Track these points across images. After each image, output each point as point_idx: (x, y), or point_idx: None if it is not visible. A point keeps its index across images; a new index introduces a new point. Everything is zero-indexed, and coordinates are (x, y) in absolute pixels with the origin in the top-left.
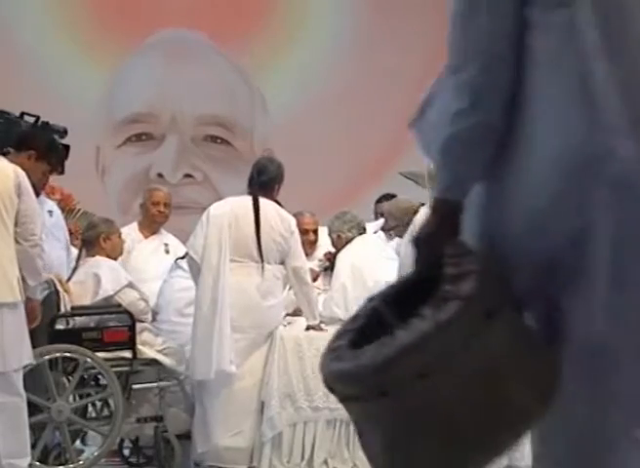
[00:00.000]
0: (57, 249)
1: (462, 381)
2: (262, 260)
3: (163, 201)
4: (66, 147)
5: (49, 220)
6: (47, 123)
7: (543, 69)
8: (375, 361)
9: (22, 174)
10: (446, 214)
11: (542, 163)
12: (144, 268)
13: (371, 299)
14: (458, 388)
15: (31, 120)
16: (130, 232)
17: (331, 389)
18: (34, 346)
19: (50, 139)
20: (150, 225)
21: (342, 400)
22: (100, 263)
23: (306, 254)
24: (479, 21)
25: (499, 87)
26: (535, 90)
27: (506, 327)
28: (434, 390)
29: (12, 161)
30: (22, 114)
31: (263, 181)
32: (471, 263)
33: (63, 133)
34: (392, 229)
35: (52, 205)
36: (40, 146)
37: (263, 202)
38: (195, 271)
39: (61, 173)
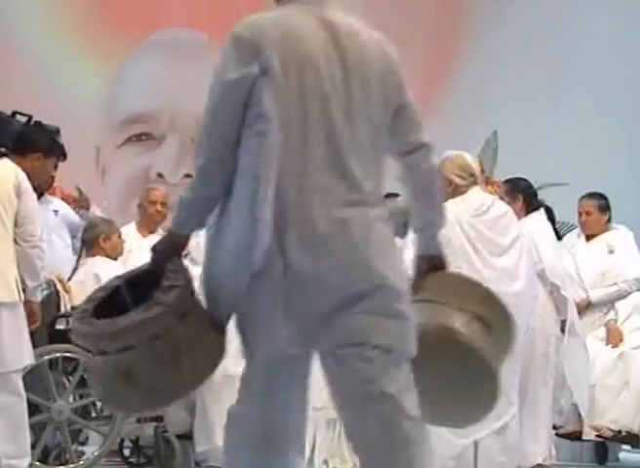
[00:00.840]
0: (61, 247)
1: (153, 354)
2: None
3: (160, 200)
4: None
5: (54, 220)
6: (40, 122)
7: (239, 178)
8: (102, 331)
9: (22, 175)
10: (175, 241)
11: (231, 237)
12: None
13: (118, 277)
14: (150, 357)
15: (23, 119)
16: (129, 232)
17: (75, 342)
18: (34, 346)
19: (49, 136)
20: (148, 225)
21: (83, 350)
22: (100, 263)
23: None
24: (210, 128)
25: (218, 174)
26: (235, 187)
27: (193, 324)
28: (134, 357)
29: (20, 165)
30: (14, 113)
31: None
32: (179, 280)
33: (56, 132)
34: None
35: (58, 204)
36: (44, 146)
37: None
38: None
39: (64, 159)
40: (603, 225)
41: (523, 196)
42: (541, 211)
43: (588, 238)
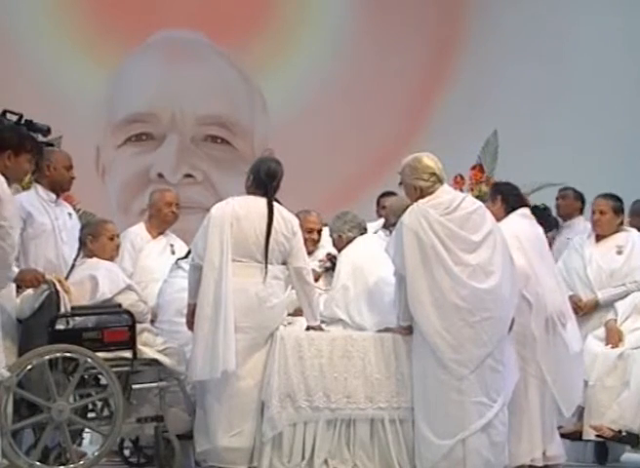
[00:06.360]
0: (75, 249)
1: None
2: (267, 262)
3: (175, 201)
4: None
5: (69, 222)
6: (31, 121)
7: None
8: None
9: (1, 180)
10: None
11: None
12: (155, 268)
13: None
14: None
15: (14, 118)
16: (139, 232)
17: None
18: (34, 346)
19: (13, 130)
20: (160, 225)
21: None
22: (98, 265)
23: (308, 253)
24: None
25: None
26: None
27: None
28: None
29: None
30: (5, 112)
31: (277, 186)
32: None
33: (47, 131)
34: (393, 226)
35: (70, 208)
36: (11, 141)
37: (267, 203)
38: (191, 273)
39: (40, 152)
40: (615, 227)
41: (501, 197)
42: (522, 211)
43: (598, 238)
